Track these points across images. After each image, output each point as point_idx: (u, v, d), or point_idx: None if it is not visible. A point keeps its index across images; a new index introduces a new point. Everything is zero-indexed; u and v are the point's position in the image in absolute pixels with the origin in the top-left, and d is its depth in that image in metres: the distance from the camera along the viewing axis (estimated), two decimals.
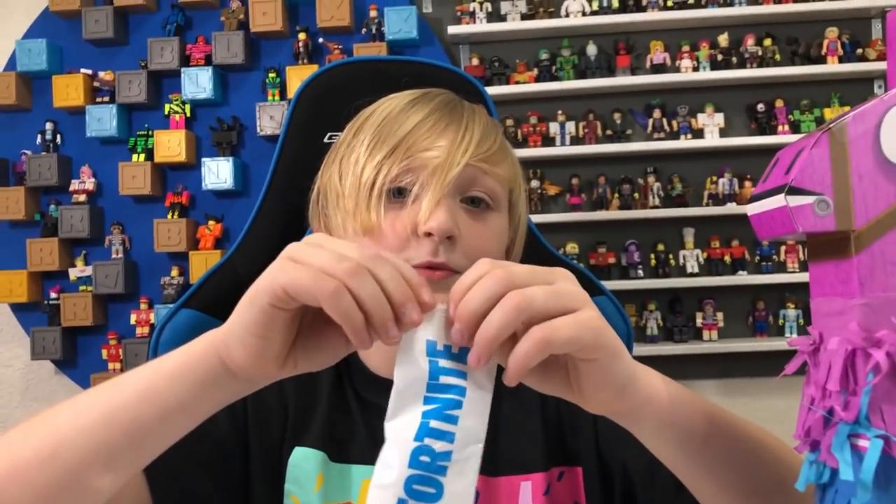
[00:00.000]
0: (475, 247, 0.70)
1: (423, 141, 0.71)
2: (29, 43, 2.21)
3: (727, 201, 2.08)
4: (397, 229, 0.69)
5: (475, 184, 0.72)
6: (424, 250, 0.68)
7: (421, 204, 0.69)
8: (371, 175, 0.71)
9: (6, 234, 2.24)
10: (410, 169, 0.70)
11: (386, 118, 0.74)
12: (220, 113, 2.20)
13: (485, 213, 0.73)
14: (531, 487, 0.74)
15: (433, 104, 0.75)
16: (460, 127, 0.73)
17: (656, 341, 2.08)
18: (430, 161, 0.70)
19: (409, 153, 0.70)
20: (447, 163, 0.70)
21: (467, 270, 0.50)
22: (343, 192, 0.73)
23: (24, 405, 2.28)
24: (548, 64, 2.13)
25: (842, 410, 0.50)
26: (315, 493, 0.72)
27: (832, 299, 0.54)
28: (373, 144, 0.72)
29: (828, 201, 0.52)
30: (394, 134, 0.72)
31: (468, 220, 0.71)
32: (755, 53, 2.08)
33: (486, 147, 0.73)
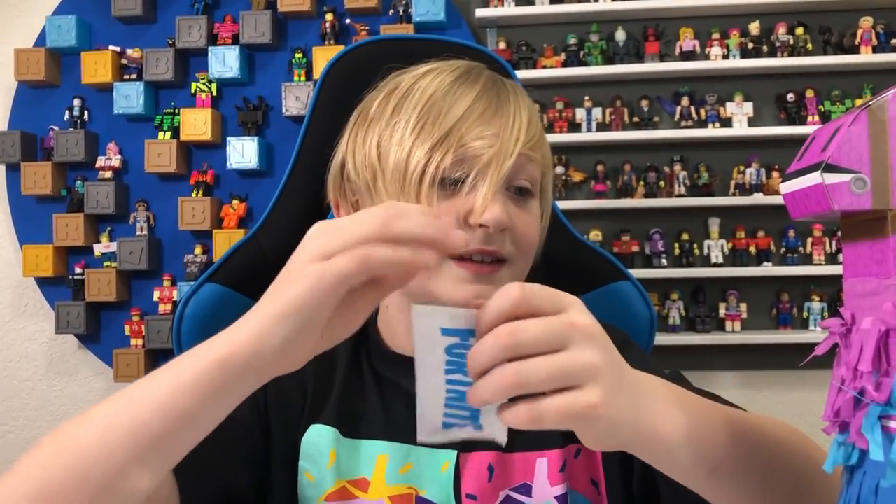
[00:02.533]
0: (522, 235, 0.72)
1: (475, 129, 0.70)
2: (59, 19, 2.23)
3: (754, 191, 2.06)
4: (449, 217, 0.69)
5: (522, 172, 0.72)
6: (478, 238, 0.68)
7: (475, 195, 0.69)
8: (421, 162, 0.70)
9: (33, 209, 2.27)
10: (463, 159, 0.70)
11: (431, 99, 0.73)
12: (246, 92, 2.20)
13: (527, 201, 0.74)
14: (547, 464, 0.73)
15: (479, 86, 0.74)
16: (509, 114, 0.72)
17: (678, 331, 2.07)
18: (484, 151, 0.70)
19: (462, 142, 0.70)
20: (501, 153, 0.70)
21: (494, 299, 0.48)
22: (385, 174, 0.72)
23: (47, 379, 2.31)
24: (575, 49, 2.11)
25: (873, 391, 0.49)
26: (328, 469, 0.72)
27: (867, 280, 0.53)
28: (419, 127, 0.71)
29: (865, 179, 0.51)
30: (442, 119, 0.71)
31: (515, 210, 0.72)
32: (786, 42, 2.05)
33: (532, 133, 0.73)
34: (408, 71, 0.80)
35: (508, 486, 0.73)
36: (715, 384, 2.11)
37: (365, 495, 0.71)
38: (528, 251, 0.74)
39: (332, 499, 0.72)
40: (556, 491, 0.73)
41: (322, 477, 0.72)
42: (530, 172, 0.73)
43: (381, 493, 0.71)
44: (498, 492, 0.72)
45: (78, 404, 2.29)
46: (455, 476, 0.71)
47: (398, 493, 0.70)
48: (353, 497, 0.71)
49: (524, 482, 0.73)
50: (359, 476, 0.72)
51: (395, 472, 0.71)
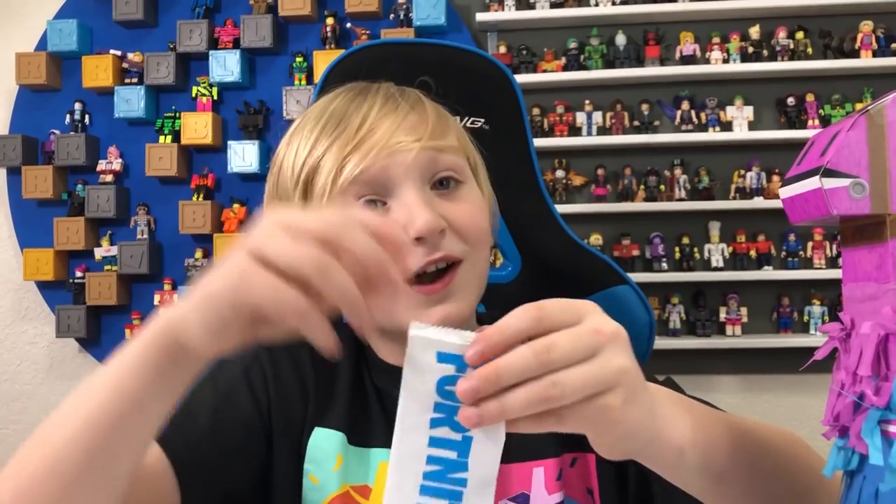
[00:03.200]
0: (463, 226, 0.69)
1: (358, 134, 0.69)
2: (60, 23, 2.23)
3: (754, 195, 2.06)
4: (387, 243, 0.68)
5: (437, 165, 0.70)
6: (420, 254, 0.66)
7: (395, 209, 0.67)
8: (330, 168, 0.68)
9: (34, 213, 2.27)
10: (373, 178, 0.68)
11: (330, 110, 0.73)
12: (247, 96, 2.21)
13: (455, 190, 0.71)
14: (544, 473, 0.73)
15: (371, 95, 0.73)
16: (401, 116, 0.70)
17: (678, 335, 2.07)
18: (385, 161, 0.67)
19: (353, 148, 0.68)
20: (402, 158, 0.68)
21: (508, 319, 0.46)
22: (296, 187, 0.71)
23: (48, 382, 2.31)
24: (576, 53, 2.12)
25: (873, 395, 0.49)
26: (334, 473, 0.72)
27: (865, 284, 0.53)
28: (316, 137, 0.70)
29: (864, 184, 0.51)
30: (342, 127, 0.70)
31: (446, 204, 0.69)
32: (787, 46, 2.05)
33: (431, 124, 0.70)
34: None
35: (507, 497, 0.72)
36: (715, 388, 2.11)
37: (366, 502, 0.71)
38: (478, 240, 0.71)
39: (336, 503, 0.71)
40: (554, 499, 0.72)
41: (327, 480, 0.72)
42: (447, 162, 0.70)
43: (381, 501, 0.70)
44: (497, 501, 0.70)
45: None
46: None
47: None
48: (356, 503, 0.71)
49: (522, 492, 0.72)
50: (362, 483, 0.72)
51: None
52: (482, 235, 0.71)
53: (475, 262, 0.70)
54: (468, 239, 0.69)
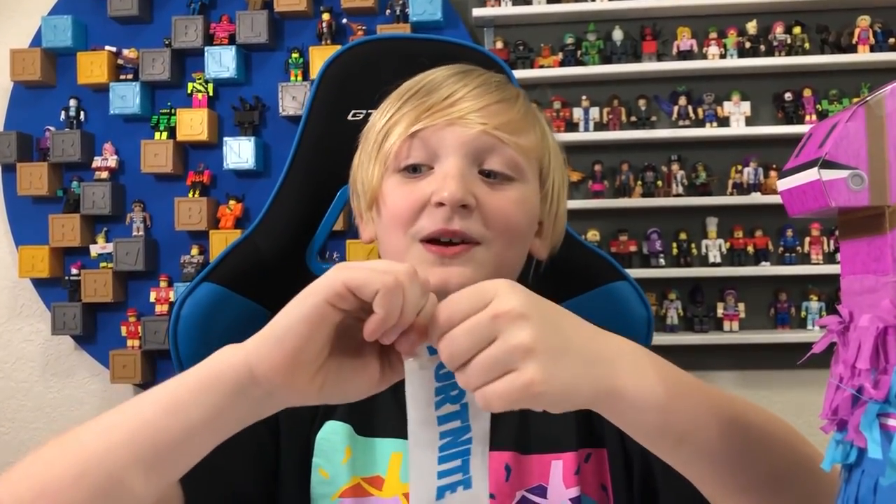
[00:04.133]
0: (495, 214, 0.70)
1: (439, 104, 0.70)
2: (55, 19, 2.22)
3: (752, 191, 2.05)
4: (411, 200, 0.69)
5: (492, 154, 0.71)
6: (438, 217, 0.68)
7: (434, 175, 0.69)
8: (379, 143, 0.73)
9: (29, 210, 2.26)
10: (426, 142, 0.70)
11: (423, 82, 0.75)
12: (242, 92, 2.20)
13: (504, 184, 0.72)
14: (562, 466, 0.73)
15: (471, 77, 0.75)
16: (486, 99, 0.71)
17: (676, 331, 2.07)
18: (444, 131, 0.70)
19: (428, 114, 0.70)
20: (461, 132, 0.69)
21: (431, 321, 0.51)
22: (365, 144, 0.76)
23: (44, 380, 2.31)
24: (573, 48, 2.11)
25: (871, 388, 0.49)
26: (343, 465, 0.72)
27: (864, 277, 0.53)
28: (402, 101, 0.74)
29: (862, 175, 0.51)
30: (425, 95, 0.73)
31: (486, 190, 0.70)
32: (784, 41, 2.05)
33: (509, 118, 0.71)
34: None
35: (524, 487, 0.73)
36: (714, 384, 2.11)
37: (380, 493, 0.71)
38: (506, 233, 0.71)
39: (347, 496, 0.71)
40: (571, 493, 0.73)
41: (336, 474, 0.72)
42: (505, 156, 0.71)
43: (395, 491, 0.71)
44: (515, 492, 0.72)
45: (74, 405, 2.28)
46: None
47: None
48: (368, 494, 0.71)
49: (539, 483, 0.73)
50: (374, 474, 0.72)
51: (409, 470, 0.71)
52: (510, 228, 0.72)
53: (496, 251, 0.71)
54: (492, 225, 0.70)
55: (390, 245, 0.73)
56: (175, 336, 0.95)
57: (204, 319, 0.97)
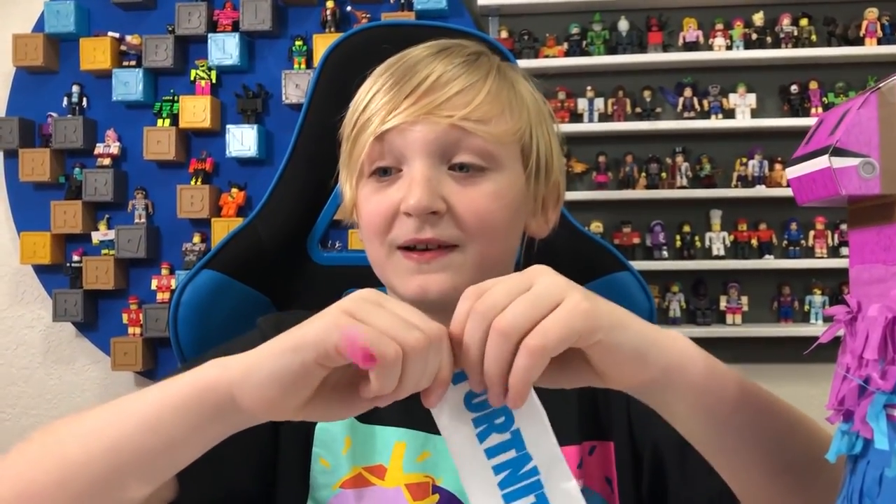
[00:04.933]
0: (468, 214, 0.66)
1: (382, 107, 0.68)
2: (57, 5, 2.21)
3: (756, 184, 2.05)
4: (382, 209, 0.67)
5: (461, 146, 0.67)
6: (409, 227, 0.65)
7: (401, 181, 0.67)
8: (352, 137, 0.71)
9: (31, 196, 2.26)
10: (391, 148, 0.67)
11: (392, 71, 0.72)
12: (245, 80, 2.19)
13: (476, 177, 0.68)
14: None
15: (402, 63, 0.71)
16: (426, 81, 0.68)
17: (678, 324, 2.07)
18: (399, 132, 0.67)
19: (366, 125, 0.68)
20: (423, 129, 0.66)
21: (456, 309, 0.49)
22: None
23: (45, 366, 2.31)
24: (578, 38, 2.10)
25: (879, 378, 0.48)
26: (343, 455, 0.70)
27: (873, 266, 0.52)
28: (348, 117, 0.73)
29: (874, 163, 0.50)
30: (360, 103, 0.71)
31: (457, 188, 0.67)
32: (790, 33, 2.04)
33: (473, 101, 0.67)
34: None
35: None
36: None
37: (381, 482, 0.70)
38: (483, 231, 0.68)
39: (348, 486, 0.70)
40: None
41: (337, 464, 0.70)
42: (475, 147, 0.67)
43: (397, 481, 0.69)
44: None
45: (75, 392, 2.29)
46: None
47: (415, 482, 0.69)
48: (370, 484, 0.69)
49: None
50: (375, 463, 0.71)
51: (412, 459, 0.69)
52: (488, 225, 0.68)
53: (475, 252, 0.67)
54: (466, 227, 0.67)
55: (372, 253, 0.71)
56: (175, 323, 0.94)
57: (204, 306, 0.96)
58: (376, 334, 0.45)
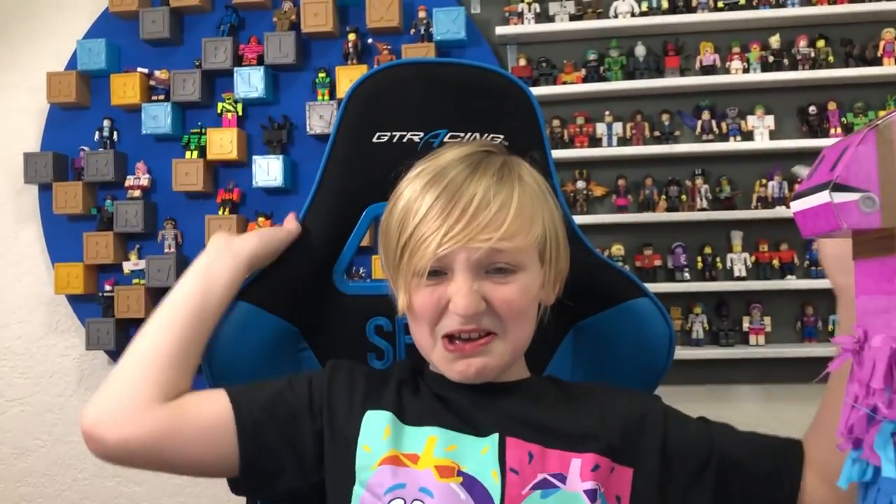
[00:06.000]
0: (502, 309, 0.83)
1: (436, 230, 0.82)
2: (89, 43, 2.28)
3: (776, 204, 2.05)
4: (432, 304, 0.83)
5: (498, 258, 0.82)
6: (455, 321, 0.82)
7: (450, 284, 0.82)
8: (397, 256, 0.86)
9: (64, 228, 2.32)
10: (441, 258, 0.82)
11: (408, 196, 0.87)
12: (271, 112, 2.24)
13: (510, 277, 0.83)
14: (581, 464, 0.80)
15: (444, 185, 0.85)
16: (469, 209, 0.82)
17: (702, 345, 2.06)
18: (455, 253, 0.81)
19: (425, 244, 0.82)
20: (467, 251, 0.81)
21: None
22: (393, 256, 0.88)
23: (78, 394, 2.35)
24: (595, 64, 2.13)
25: (885, 408, 0.50)
26: (384, 441, 0.83)
27: (877, 297, 0.53)
28: (400, 225, 0.86)
29: (874, 198, 0.52)
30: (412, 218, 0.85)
31: (493, 287, 0.83)
32: (807, 55, 2.05)
33: (506, 223, 0.82)
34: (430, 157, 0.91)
35: (546, 472, 0.81)
36: (739, 398, 2.10)
37: (414, 466, 0.81)
38: (516, 319, 0.84)
39: (386, 463, 0.81)
40: (587, 486, 0.79)
41: (377, 447, 0.83)
42: (508, 256, 0.83)
43: (428, 464, 0.80)
44: (536, 472, 0.80)
45: None
46: (501, 453, 0.81)
47: (443, 465, 0.80)
48: (404, 465, 0.81)
49: (560, 472, 0.81)
50: (411, 451, 0.82)
51: (442, 449, 0.81)
52: (519, 314, 0.85)
53: (508, 336, 0.85)
54: (503, 318, 0.83)
55: (419, 336, 0.88)
56: (209, 353, 0.98)
57: (237, 337, 0.99)
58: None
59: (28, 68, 2.39)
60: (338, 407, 0.87)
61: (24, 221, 2.39)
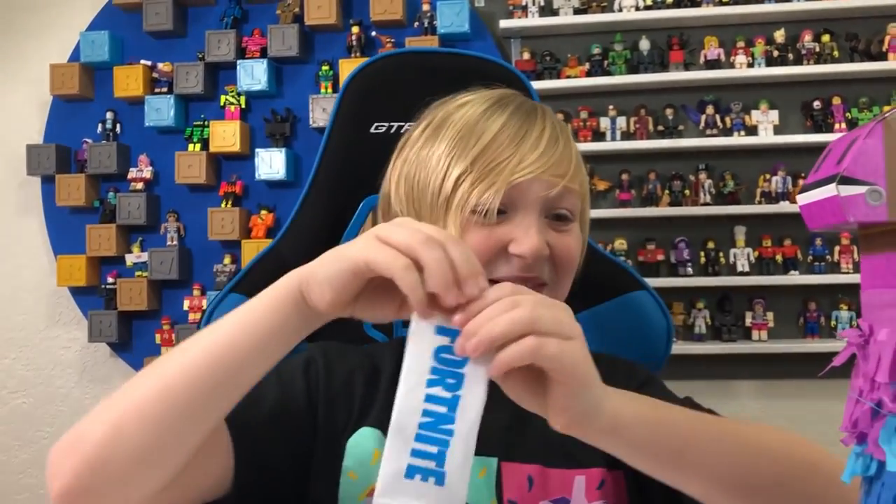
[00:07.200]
0: (561, 259, 0.77)
1: (510, 157, 0.74)
2: (92, 35, 2.28)
3: (780, 199, 2.04)
4: (488, 246, 0.74)
5: (562, 201, 0.76)
6: (514, 266, 0.74)
7: (514, 224, 0.74)
8: (448, 189, 0.75)
9: (67, 220, 2.32)
10: (493, 184, 0.74)
11: (464, 125, 0.78)
12: (274, 105, 2.24)
13: (567, 226, 0.78)
14: (585, 482, 0.76)
15: (508, 113, 0.78)
16: (556, 144, 0.76)
17: (704, 340, 2.06)
18: (533, 186, 0.74)
19: (511, 178, 0.73)
20: (546, 187, 0.74)
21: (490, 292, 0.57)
22: (422, 197, 0.78)
23: (81, 386, 2.36)
24: (599, 58, 2.12)
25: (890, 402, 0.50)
26: (372, 466, 0.74)
27: (884, 291, 0.53)
28: (454, 154, 0.76)
29: (880, 191, 0.52)
30: (475, 145, 0.75)
31: (554, 235, 0.76)
32: (812, 50, 2.04)
33: (576, 164, 0.76)
34: (446, 103, 0.84)
35: (548, 499, 0.75)
36: (740, 393, 2.10)
37: None
38: (568, 274, 0.79)
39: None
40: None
41: (366, 475, 0.75)
42: (571, 202, 0.77)
43: None
44: (538, 501, 0.75)
45: None
46: (497, 482, 0.74)
47: None
48: None
49: (563, 496, 0.75)
50: None
51: None
52: (571, 271, 0.80)
53: (558, 289, 0.79)
54: (560, 270, 0.78)
55: None
56: None
57: None
58: (391, 253, 0.56)
59: (31, 60, 2.38)
60: (330, 412, 0.79)
61: (27, 214, 2.38)
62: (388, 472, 0.55)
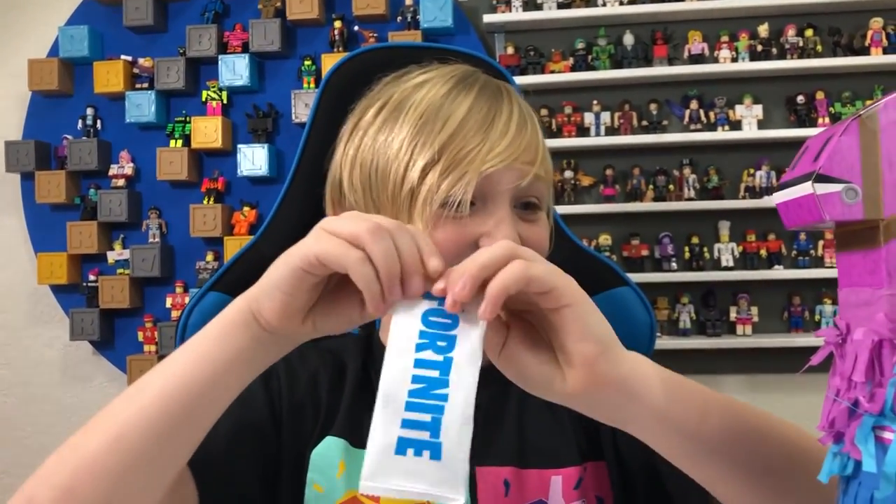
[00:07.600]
0: (534, 249, 0.69)
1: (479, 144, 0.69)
2: (71, 30, 2.25)
3: (764, 194, 2.05)
4: (460, 241, 0.69)
5: (532, 190, 0.72)
6: None
7: (485, 218, 0.69)
8: (414, 180, 0.69)
9: (47, 217, 2.30)
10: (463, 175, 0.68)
11: (427, 108, 0.72)
12: (256, 100, 2.22)
13: (536, 215, 0.73)
14: (562, 481, 0.73)
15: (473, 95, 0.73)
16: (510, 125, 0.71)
17: (689, 335, 2.06)
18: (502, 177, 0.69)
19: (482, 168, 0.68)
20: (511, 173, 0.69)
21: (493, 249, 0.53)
22: (382, 189, 0.72)
23: (63, 384, 2.34)
24: (584, 53, 2.11)
25: (867, 402, 0.49)
26: (338, 479, 0.72)
27: (860, 289, 0.53)
28: (417, 141, 0.70)
29: (856, 189, 0.51)
30: (440, 131, 0.70)
31: (525, 225, 0.72)
32: (796, 44, 2.04)
33: (543, 150, 0.72)
34: (401, 81, 0.79)
35: (524, 502, 0.72)
36: (724, 388, 2.10)
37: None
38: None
39: None
40: None
41: (332, 488, 0.72)
42: (539, 190, 0.73)
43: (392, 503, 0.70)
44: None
45: (93, 409, 2.25)
46: (471, 489, 0.71)
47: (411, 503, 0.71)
48: None
49: (539, 499, 0.73)
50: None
51: None
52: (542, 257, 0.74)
53: None
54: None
55: None
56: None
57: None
58: (341, 244, 0.51)
59: (9, 55, 2.36)
60: (294, 421, 0.75)
61: (6, 211, 2.36)
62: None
